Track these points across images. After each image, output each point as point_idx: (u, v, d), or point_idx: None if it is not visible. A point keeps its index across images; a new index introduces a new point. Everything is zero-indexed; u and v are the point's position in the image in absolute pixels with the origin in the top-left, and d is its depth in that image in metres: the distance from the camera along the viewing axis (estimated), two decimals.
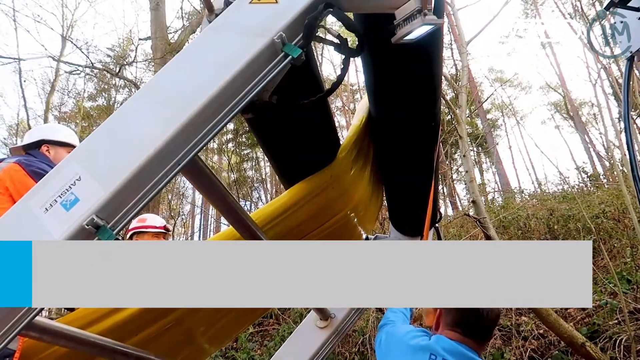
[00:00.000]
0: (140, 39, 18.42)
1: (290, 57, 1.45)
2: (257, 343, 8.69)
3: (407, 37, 1.51)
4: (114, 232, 1.29)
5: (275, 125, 1.98)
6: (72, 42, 17.00)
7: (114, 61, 19.67)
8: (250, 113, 1.73)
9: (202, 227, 26.23)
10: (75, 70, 16.70)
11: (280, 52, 1.46)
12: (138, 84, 18.78)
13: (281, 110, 1.70)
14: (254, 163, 24.37)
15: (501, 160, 25.19)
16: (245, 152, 23.33)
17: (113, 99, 25.29)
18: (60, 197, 1.29)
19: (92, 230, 1.25)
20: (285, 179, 2.45)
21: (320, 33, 1.55)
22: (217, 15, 1.62)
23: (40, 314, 1.27)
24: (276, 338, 8.02)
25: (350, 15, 1.69)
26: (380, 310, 7.01)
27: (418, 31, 1.49)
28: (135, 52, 19.03)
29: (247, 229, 2.02)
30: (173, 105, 1.38)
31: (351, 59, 1.64)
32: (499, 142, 27.38)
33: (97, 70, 17.98)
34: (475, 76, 23.82)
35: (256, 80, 1.45)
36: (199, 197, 26.27)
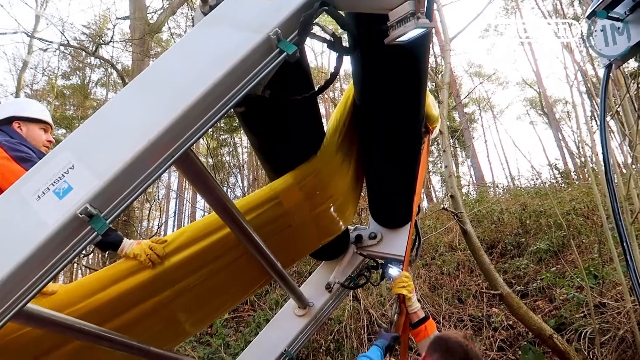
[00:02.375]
0: (117, 18, 17.91)
1: (285, 53, 1.47)
2: (232, 329, 8.74)
3: (400, 39, 1.55)
4: (107, 221, 1.30)
5: (265, 118, 2.00)
6: (46, 18, 16.47)
7: (90, 39, 19.13)
8: (242, 107, 1.75)
9: (177, 211, 25.97)
10: (49, 48, 16.16)
11: (275, 48, 1.48)
12: (115, 64, 18.35)
13: (273, 104, 1.73)
14: (231, 148, 24.16)
15: (476, 153, 25.61)
16: (223, 137, 23.11)
17: (88, 78, 24.70)
18: (53, 185, 1.30)
19: (86, 219, 1.26)
20: (272, 170, 2.48)
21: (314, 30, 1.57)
22: (211, 7, 1.63)
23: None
24: (252, 325, 8.07)
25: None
26: (357, 299, 7.14)
27: (411, 33, 1.52)
28: (113, 32, 18.56)
29: (233, 220, 2.05)
30: (169, 97, 1.39)
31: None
32: (477, 137, 27.79)
33: (72, 48, 17.45)
34: (454, 69, 24.03)
35: (251, 75, 1.46)
36: (174, 180, 25.97)
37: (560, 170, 18.05)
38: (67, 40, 15.76)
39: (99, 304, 2.01)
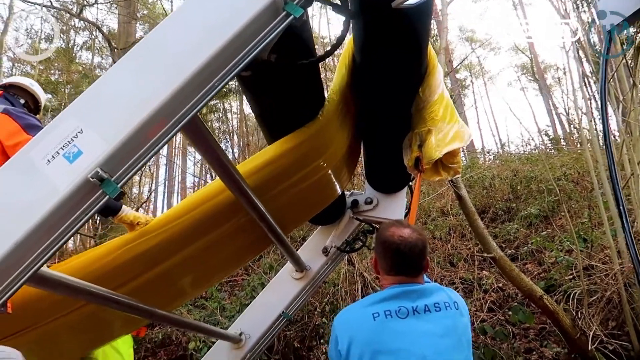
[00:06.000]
0: None
1: (291, 16, 1.46)
2: (227, 293, 8.88)
3: (408, 2, 1.53)
4: (119, 185, 1.31)
5: (269, 83, 1.98)
6: None
7: (74, 1, 18.51)
8: (249, 71, 1.74)
9: (167, 177, 25.75)
10: (32, 9, 15.61)
11: (281, 11, 1.46)
12: (100, 26, 17.84)
13: (278, 68, 1.71)
14: (221, 114, 23.87)
15: (467, 120, 25.61)
16: (213, 102, 22.79)
17: (72, 41, 24.02)
18: (63, 149, 1.30)
19: (97, 183, 1.27)
20: (272, 135, 2.47)
21: None
22: None
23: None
24: (246, 288, 8.20)
25: None
26: (352, 263, 7.27)
27: None
28: None
29: (236, 185, 2.07)
30: (174, 63, 1.38)
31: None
32: (468, 104, 27.72)
33: (55, 10, 16.86)
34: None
35: (257, 40, 1.44)
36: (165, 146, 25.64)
37: (551, 137, 18.14)
38: (50, 1, 15.26)
39: (105, 271, 2.05)
